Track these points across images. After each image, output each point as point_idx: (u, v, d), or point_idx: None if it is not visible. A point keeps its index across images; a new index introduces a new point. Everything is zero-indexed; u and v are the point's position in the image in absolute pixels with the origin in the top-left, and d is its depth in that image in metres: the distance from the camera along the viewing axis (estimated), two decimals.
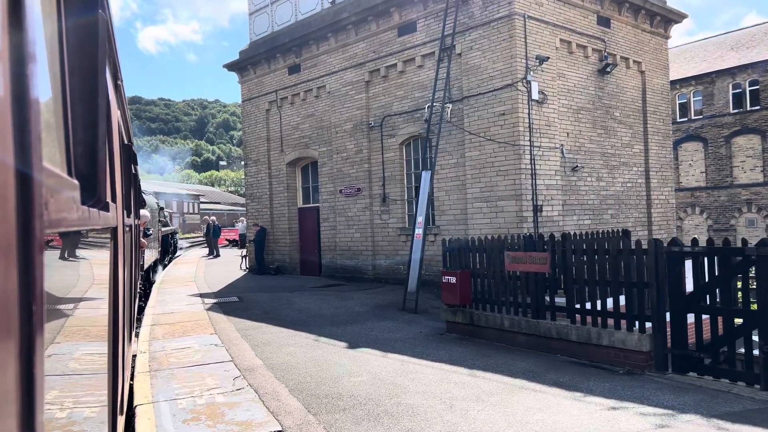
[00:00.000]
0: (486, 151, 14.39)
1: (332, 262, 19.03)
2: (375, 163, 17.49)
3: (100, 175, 1.39)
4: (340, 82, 18.40)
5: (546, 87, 14.45)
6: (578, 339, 8.42)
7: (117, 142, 3.26)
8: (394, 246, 16.99)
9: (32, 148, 0.71)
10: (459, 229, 15.13)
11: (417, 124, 16.26)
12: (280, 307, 13.50)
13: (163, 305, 14.04)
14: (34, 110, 0.72)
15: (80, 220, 1.23)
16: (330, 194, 19.01)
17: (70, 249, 1.49)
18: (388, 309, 13.32)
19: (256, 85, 21.78)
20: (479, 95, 14.56)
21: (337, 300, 14.46)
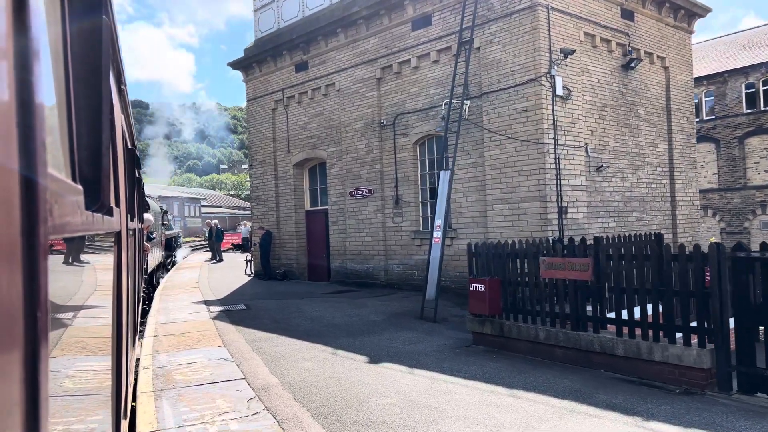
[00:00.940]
0: (507, 149, 13.63)
1: (342, 267, 18.25)
2: (387, 164, 16.72)
3: (104, 180, 1.40)
4: (350, 80, 17.64)
5: (570, 82, 13.69)
6: (625, 353, 7.64)
7: (121, 147, 3.23)
8: (408, 250, 16.21)
9: (37, 153, 0.71)
10: (477, 233, 14.36)
11: (432, 122, 15.49)
12: (291, 316, 12.72)
13: (166, 314, 13.26)
14: (38, 115, 0.72)
15: (84, 225, 1.24)
16: (339, 196, 18.25)
17: (74, 253, 1.48)
18: (406, 317, 12.54)
19: (262, 83, 21.03)
20: (499, 91, 13.80)
21: (350, 308, 13.67)
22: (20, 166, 0.65)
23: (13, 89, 0.64)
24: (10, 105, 0.63)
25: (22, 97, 0.67)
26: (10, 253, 0.62)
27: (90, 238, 1.75)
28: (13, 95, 0.64)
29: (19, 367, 0.65)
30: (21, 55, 0.67)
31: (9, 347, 0.62)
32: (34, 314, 0.70)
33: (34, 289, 0.70)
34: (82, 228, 1.23)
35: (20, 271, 0.65)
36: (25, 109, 0.68)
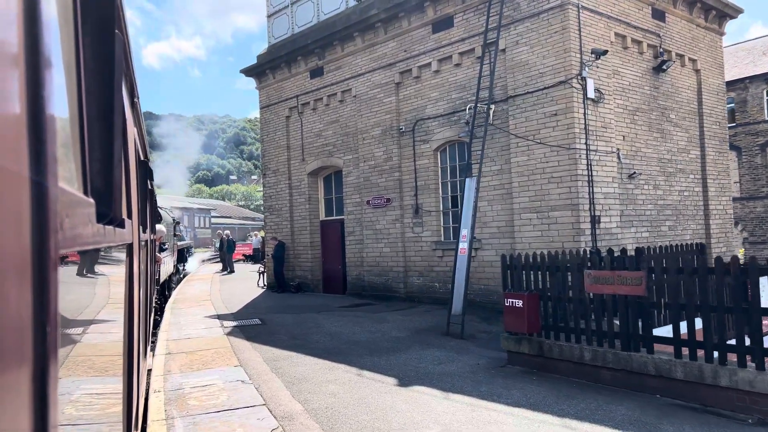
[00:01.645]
0: (535, 155, 12.94)
1: (359, 279, 17.56)
2: (406, 172, 16.07)
3: (115, 192, 1.40)
4: (367, 85, 17.04)
5: (601, 85, 13.01)
6: (685, 377, 6.89)
7: (133, 159, 3.23)
8: (429, 262, 15.51)
9: (48, 166, 0.71)
10: (504, 244, 13.66)
11: (454, 128, 14.84)
12: (309, 332, 12.03)
13: (178, 329, 12.61)
14: (50, 130, 0.72)
15: (95, 238, 1.24)
16: (356, 206, 17.59)
17: (85, 265, 1.44)
18: (431, 334, 11.83)
19: (276, 90, 20.48)
20: (527, 94, 13.13)
21: (370, 323, 12.97)
22: (31, 179, 0.65)
23: (24, 102, 0.64)
24: (22, 118, 0.63)
25: (34, 109, 0.67)
26: (21, 266, 0.62)
27: (101, 250, 1.71)
28: (25, 108, 0.64)
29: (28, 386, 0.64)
30: (33, 68, 0.67)
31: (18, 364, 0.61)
32: (44, 328, 0.70)
33: (44, 302, 0.70)
34: (94, 240, 1.23)
35: (30, 284, 0.65)
36: (37, 121, 0.68)
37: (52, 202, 0.73)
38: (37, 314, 0.68)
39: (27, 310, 0.65)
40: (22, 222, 0.63)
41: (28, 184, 0.64)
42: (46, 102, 0.71)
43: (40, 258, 0.69)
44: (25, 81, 0.64)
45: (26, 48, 0.65)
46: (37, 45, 0.68)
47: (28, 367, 0.65)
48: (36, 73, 0.68)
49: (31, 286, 0.66)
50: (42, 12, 0.71)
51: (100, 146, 1.35)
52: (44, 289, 0.70)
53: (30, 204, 0.65)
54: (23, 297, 0.63)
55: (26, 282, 0.64)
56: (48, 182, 0.71)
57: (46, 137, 0.70)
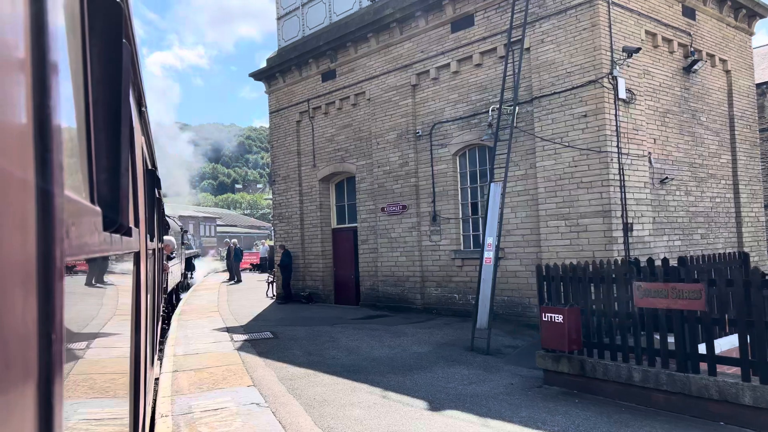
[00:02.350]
0: (563, 159, 12.23)
1: (372, 289, 16.84)
2: (423, 177, 15.38)
3: (122, 201, 1.40)
4: (381, 87, 16.39)
5: (631, 85, 12.31)
6: (755, 403, 6.15)
7: (141, 168, 3.25)
8: (447, 272, 14.79)
9: (54, 175, 0.71)
10: (528, 253, 12.93)
11: (474, 131, 14.16)
12: (325, 347, 11.31)
13: (185, 343, 11.92)
14: (56, 138, 0.72)
15: (102, 246, 1.24)
16: (370, 213, 16.90)
17: (91, 273, 1.44)
18: (454, 349, 11.09)
19: (286, 94, 19.86)
20: (553, 95, 12.45)
21: (388, 337, 12.24)
22: (37, 187, 0.65)
23: (31, 110, 0.64)
24: (29, 126, 0.63)
25: (41, 118, 0.67)
26: (26, 274, 0.62)
27: (108, 258, 1.71)
28: (32, 116, 0.64)
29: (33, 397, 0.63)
30: (40, 77, 0.67)
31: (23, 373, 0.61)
32: (49, 337, 0.69)
33: (49, 311, 0.69)
34: (100, 249, 1.23)
35: (35, 292, 0.64)
36: (44, 129, 0.68)
37: (59, 210, 0.74)
38: (43, 323, 0.67)
39: (32, 318, 0.64)
40: (28, 230, 0.63)
41: (34, 191, 0.64)
42: (53, 110, 0.71)
43: (45, 266, 0.68)
44: (32, 89, 0.65)
45: (33, 56, 0.65)
46: (44, 54, 0.69)
47: (33, 377, 0.64)
48: (43, 82, 0.68)
49: (37, 294, 0.65)
50: (49, 21, 0.71)
51: (108, 155, 1.36)
52: (50, 298, 0.70)
53: (36, 212, 0.65)
54: (28, 305, 0.62)
55: (31, 290, 0.63)
56: (54, 190, 0.71)
57: (52, 145, 0.70)
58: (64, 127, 0.80)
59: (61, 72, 0.79)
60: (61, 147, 0.76)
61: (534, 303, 12.85)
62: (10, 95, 0.59)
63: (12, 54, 0.59)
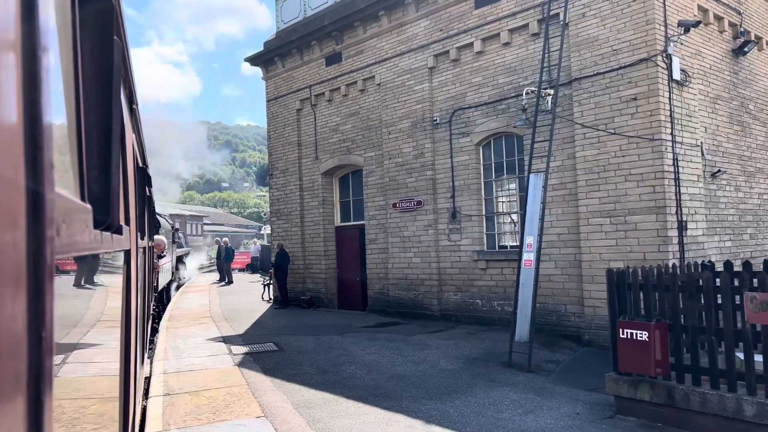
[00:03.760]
0: (608, 148, 10.80)
1: (382, 293, 15.33)
2: (441, 170, 13.89)
3: (113, 198, 1.40)
4: (394, 71, 14.88)
5: (684, 66, 10.91)
6: None
7: (131, 165, 3.26)
8: (469, 275, 13.31)
9: (44, 173, 0.70)
10: (565, 254, 11.49)
11: (501, 118, 12.69)
12: (339, 362, 9.79)
13: (177, 356, 10.34)
14: (46, 136, 0.71)
15: (92, 244, 1.23)
16: (379, 209, 15.39)
17: (81, 271, 1.50)
18: (489, 365, 9.62)
19: (285, 80, 18.27)
20: (596, 76, 11.01)
21: (409, 349, 10.74)
22: (27, 187, 0.65)
23: (21, 108, 0.64)
24: (19, 125, 0.63)
25: (31, 115, 0.67)
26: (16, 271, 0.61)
27: (98, 256, 1.72)
28: (22, 114, 0.64)
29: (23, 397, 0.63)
30: (31, 74, 0.67)
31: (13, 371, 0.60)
32: (39, 335, 0.69)
33: (39, 308, 0.69)
34: (91, 247, 1.21)
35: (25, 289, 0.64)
36: (34, 127, 0.67)
37: (49, 207, 0.73)
38: (33, 321, 0.66)
39: (22, 316, 0.63)
40: (18, 227, 0.62)
41: (24, 189, 0.64)
42: (44, 108, 0.70)
43: (36, 263, 0.68)
44: (23, 86, 0.64)
45: (24, 53, 0.64)
46: (34, 51, 0.68)
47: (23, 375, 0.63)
48: (33, 79, 0.67)
49: (27, 291, 0.64)
50: (40, 17, 0.70)
51: (98, 152, 1.34)
52: (40, 295, 0.69)
53: (26, 209, 0.65)
54: (18, 303, 0.61)
55: (22, 287, 0.63)
56: (45, 188, 0.70)
57: (43, 143, 0.70)
58: (54, 125, 0.80)
59: (51, 69, 0.78)
60: (51, 144, 0.75)
61: (572, 311, 11.42)
62: (1, 92, 0.59)
63: (2, 50, 0.59)
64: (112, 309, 2.24)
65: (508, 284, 12.49)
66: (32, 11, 0.68)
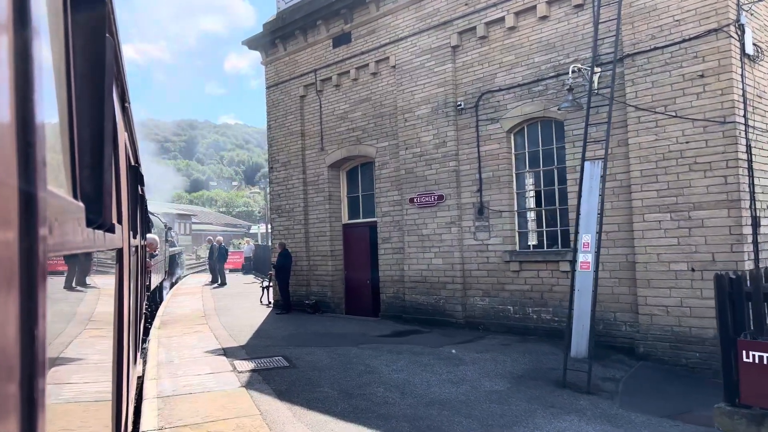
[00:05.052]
0: (668, 134, 9.42)
1: (397, 298, 13.87)
2: (466, 160, 12.46)
3: (105, 197, 1.39)
4: (411, 51, 13.42)
5: (755, 39, 9.55)
6: None
7: (124, 164, 3.23)
8: (498, 278, 11.89)
9: (37, 171, 0.70)
10: (615, 255, 10.11)
11: (537, 101, 11.29)
12: (364, 381, 8.33)
13: (171, 373, 8.83)
14: (39, 134, 0.71)
15: (85, 242, 1.22)
16: (394, 205, 13.93)
17: (74, 270, 1.48)
18: (541, 385, 8.21)
19: (287, 65, 16.75)
20: (654, 51, 9.62)
21: (442, 365, 9.30)
22: (20, 185, 0.64)
23: (13, 106, 0.63)
24: (11, 123, 0.62)
25: (23, 113, 0.66)
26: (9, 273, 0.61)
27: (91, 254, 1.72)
28: (14, 112, 0.63)
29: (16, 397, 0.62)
30: (23, 72, 0.66)
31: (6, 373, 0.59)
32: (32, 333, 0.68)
33: (32, 307, 0.68)
34: (83, 245, 1.21)
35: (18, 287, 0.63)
36: (26, 125, 0.67)
37: (41, 205, 0.72)
38: (25, 319, 0.65)
39: (14, 314, 0.62)
40: (11, 225, 0.61)
41: (16, 187, 0.63)
42: (36, 106, 0.70)
43: (28, 261, 0.67)
44: (15, 84, 0.63)
45: (16, 51, 0.64)
46: (27, 48, 0.67)
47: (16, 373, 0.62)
48: (25, 77, 0.67)
49: (19, 289, 0.64)
50: (32, 15, 0.69)
51: (91, 151, 1.33)
52: (32, 293, 0.68)
53: (18, 207, 0.64)
54: (11, 302, 0.61)
55: (14, 285, 0.62)
56: (37, 186, 0.70)
57: (35, 141, 0.69)
58: (46, 123, 0.80)
59: (44, 66, 0.78)
60: (43, 142, 0.75)
61: (622, 319, 10.04)
62: None
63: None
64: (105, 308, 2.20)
65: (546, 289, 11.09)
66: (24, 9, 0.66)
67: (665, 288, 9.42)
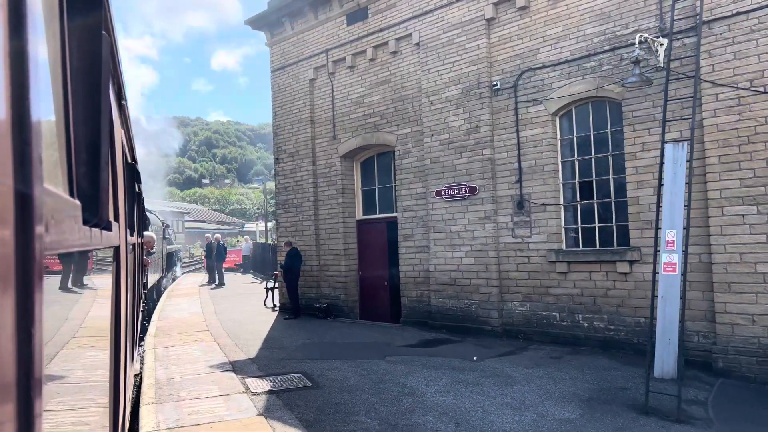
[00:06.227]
0: (755, 113, 8.06)
1: (421, 302, 12.47)
2: (503, 147, 11.07)
3: (102, 195, 1.36)
4: (438, 26, 12.00)
5: None
6: None
7: (120, 162, 3.22)
8: (542, 280, 10.50)
9: (33, 169, 0.69)
10: (689, 253, 8.71)
11: (589, 79, 9.91)
12: (405, 407, 6.92)
13: (173, 396, 7.39)
14: (35, 131, 0.70)
15: (82, 240, 1.21)
16: (417, 198, 12.51)
17: (71, 268, 1.48)
18: (617, 410, 6.83)
19: (295, 45, 15.29)
20: (737, 16, 8.25)
21: (490, 384, 7.90)
22: (16, 183, 0.64)
23: (9, 103, 0.63)
24: (7, 120, 0.62)
25: (19, 111, 0.66)
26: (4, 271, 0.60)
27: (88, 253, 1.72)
28: (10, 109, 0.63)
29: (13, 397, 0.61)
30: (18, 69, 0.66)
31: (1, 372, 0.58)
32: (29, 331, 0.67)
33: (28, 306, 0.67)
34: (80, 243, 1.19)
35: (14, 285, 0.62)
36: (22, 123, 0.66)
37: (38, 203, 0.71)
38: (21, 318, 0.64)
39: (10, 313, 0.61)
40: (7, 223, 0.61)
41: (12, 184, 0.63)
42: (32, 103, 0.69)
43: (24, 260, 0.66)
44: (10, 82, 0.63)
45: (11, 48, 0.63)
46: (22, 45, 0.66)
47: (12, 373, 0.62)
48: (21, 74, 0.66)
49: (15, 289, 0.63)
50: (28, 12, 0.68)
51: (87, 148, 1.30)
52: (29, 292, 0.67)
53: (14, 205, 0.63)
54: (7, 300, 0.60)
55: (10, 284, 0.61)
56: (33, 183, 0.69)
57: (31, 138, 0.68)
58: (43, 120, 0.78)
59: (40, 64, 0.77)
60: (40, 140, 0.73)
61: (694, 329, 8.69)
62: None
63: None
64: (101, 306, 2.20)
65: (599, 293, 9.73)
66: (20, 5, 0.66)
67: (750, 293, 8.05)
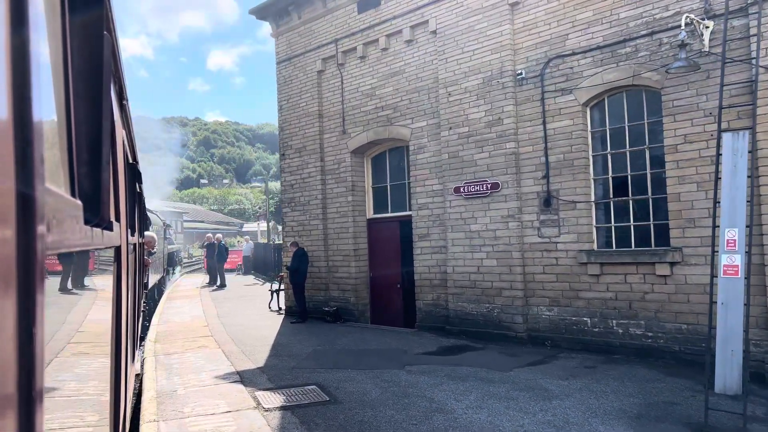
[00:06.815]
0: None
1: (438, 306, 11.73)
2: (527, 141, 10.35)
3: (103, 195, 1.37)
4: (457, 12, 11.28)
5: None
6: None
7: (122, 162, 3.22)
8: (571, 283, 9.78)
9: (35, 169, 0.69)
10: None
11: (623, 66, 9.19)
12: (437, 427, 6.20)
13: (176, 413, 6.66)
14: (36, 131, 0.70)
15: (83, 240, 1.21)
16: (433, 195, 11.78)
17: (72, 267, 1.47)
18: (674, 428, 6.12)
19: (302, 35, 14.55)
20: None
21: (525, 398, 7.17)
22: (17, 182, 0.64)
23: (11, 103, 0.63)
24: (8, 120, 0.62)
25: (21, 110, 0.66)
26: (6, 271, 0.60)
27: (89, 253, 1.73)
28: (11, 109, 0.63)
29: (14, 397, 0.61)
30: (20, 69, 0.66)
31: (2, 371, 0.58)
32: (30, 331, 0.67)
33: (30, 305, 0.67)
34: (81, 243, 1.19)
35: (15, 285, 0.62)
36: (23, 123, 0.66)
37: (39, 203, 0.71)
38: (23, 317, 0.64)
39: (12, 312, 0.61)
40: (8, 223, 0.61)
41: (14, 184, 0.62)
42: (34, 103, 0.69)
43: (26, 259, 0.66)
44: (12, 82, 0.63)
45: (13, 49, 0.63)
46: (24, 46, 0.67)
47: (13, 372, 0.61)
48: (23, 75, 0.66)
49: (17, 288, 0.63)
50: (29, 12, 0.68)
51: (88, 148, 1.31)
52: (30, 292, 0.67)
53: (16, 205, 0.63)
54: (8, 300, 0.60)
55: (12, 283, 0.61)
56: (35, 183, 0.69)
57: (33, 138, 0.68)
58: (44, 120, 0.79)
59: (41, 64, 0.77)
60: (41, 140, 0.74)
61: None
62: None
63: None
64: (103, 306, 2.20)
65: (636, 297, 9.00)
66: (22, 5, 0.66)
67: None
